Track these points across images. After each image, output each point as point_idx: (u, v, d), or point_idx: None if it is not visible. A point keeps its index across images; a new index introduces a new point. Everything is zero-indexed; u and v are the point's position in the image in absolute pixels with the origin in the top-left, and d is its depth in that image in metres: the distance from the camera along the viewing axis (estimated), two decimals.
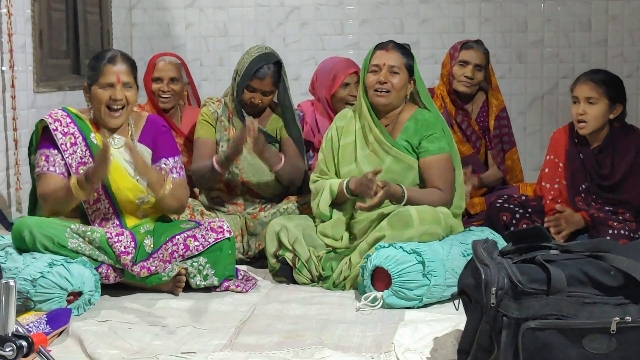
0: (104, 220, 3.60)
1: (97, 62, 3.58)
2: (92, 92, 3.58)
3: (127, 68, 3.58)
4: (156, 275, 3.53)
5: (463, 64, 4.60)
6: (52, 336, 2.97)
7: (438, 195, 3.75)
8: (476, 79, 4.61)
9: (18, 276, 3.23)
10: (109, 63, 3.55)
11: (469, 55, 4.60)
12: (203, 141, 4.31)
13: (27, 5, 4.63)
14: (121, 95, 3.54)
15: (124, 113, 3.59)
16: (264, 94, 4.24)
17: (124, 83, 3.55)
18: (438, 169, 3.77)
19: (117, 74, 3.54)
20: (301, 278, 3.74)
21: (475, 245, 2.58)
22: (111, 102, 3.55)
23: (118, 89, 3.54)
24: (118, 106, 3.56)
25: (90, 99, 3.60)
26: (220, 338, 2.99)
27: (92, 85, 3.58)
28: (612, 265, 2.41)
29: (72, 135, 3.58)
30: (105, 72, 3.54)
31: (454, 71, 4.62)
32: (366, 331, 3.07)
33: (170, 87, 4.60)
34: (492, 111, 4.71)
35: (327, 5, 6.07)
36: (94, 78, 3.57)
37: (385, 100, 3.80)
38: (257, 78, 4.18)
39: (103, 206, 3.59)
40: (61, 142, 3.55)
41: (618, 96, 3.99)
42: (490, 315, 2.40)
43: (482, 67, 4.62)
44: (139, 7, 6.18)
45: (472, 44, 4.65)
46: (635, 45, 5.87)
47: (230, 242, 3.65)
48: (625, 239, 3.78)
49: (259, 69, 4.17)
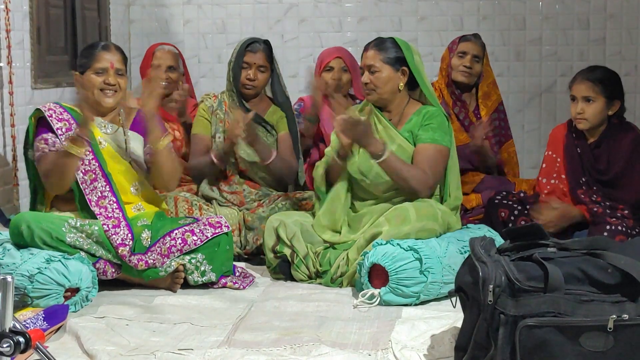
0: (100, 199, 3.62)
1: (91, 50, 3.73)
2: (85, 77, 3.69)
3: (119, 57, 3.73)
4: (154, 270, 3.54)
5: (462, 54, 4.67)
6: (49, 332, 2.97)
7: (420, 173, 3.69)
8: (475, 69, 4.66)
9: (15, 272, 3.24)
10: (103, 50, 3.70)
11: (468, 47, 4.66)
12: (199, 137, 4.43)
13: (25, 2, 4.62)
14: (114, 80, 3.68)
15: (116, 95, 3.70)
16: (259, 69, 4.38)
17: (117, 69, 3.69)
18: (426, 156, 3.74)
19: (110, 61, 3.67)
20: (299, 274, 3.75)
21: (472, 243, 2.58)
22: (104, 86, 3.67)
23: (112, 74, 3.67)
24: (111, 90, 3.67)
25: (83, 85, 3.69)
26: (218, 335, 2.99)
27: (84, 72, 3.69)
28: (609, 263, 2.42)
29: (66, 121, 3.66)
30: (99, 58, 3.68)
31: (452, 62, 4.68)
32: (363, 328, 3.07)
33: (167, 75, 4.67)
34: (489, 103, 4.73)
35: (326, 2, 6.07)
36: (87, 65, 3.69)
37: (372, 97, 3.86)
38: (249, 52, 4.37)
39: (100, 184, 3.62)
40: (57, 127, 3.63)
41: (615, 93, 4.01)
42: (488, 313, 2.40)
43: (480, 59, 4.67)
44: (137, 4, 6.17)
45: (470, 37, 4.73)
46: (633, 43, 5.87)
47: (228, 237, 3.67)
48: (623, 236, 3.79)
49: (250, 43, 4.39)
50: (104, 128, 3.72)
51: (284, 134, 4.44)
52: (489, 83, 4.77)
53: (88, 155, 3.60)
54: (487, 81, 4.76)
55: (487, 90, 4.76)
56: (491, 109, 4.75)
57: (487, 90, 4.77)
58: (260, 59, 4.36)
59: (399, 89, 3.85)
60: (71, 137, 3.50)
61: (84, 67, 3.69)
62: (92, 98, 3.66)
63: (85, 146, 3.51)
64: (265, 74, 4.41)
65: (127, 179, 3.71)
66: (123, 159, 3.72)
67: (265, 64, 4.39)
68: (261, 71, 4.38)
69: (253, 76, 4.36)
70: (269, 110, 4.48)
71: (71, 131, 3.60)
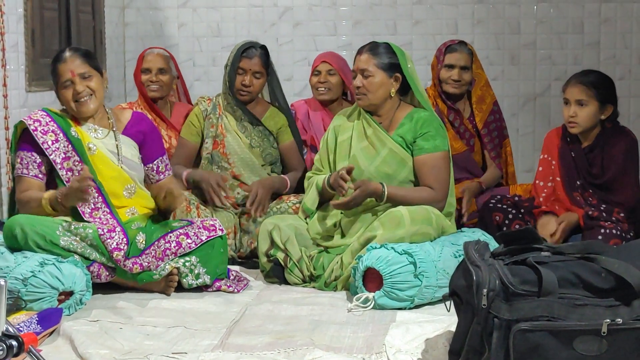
0: (94, 210, 3.60)
1: (53, 66, 3.68)
2: (59, 95, 3.68)
3: (79, 60, 3.65)
4: (148, 273, 3.53)
5: (449, 67, 4.62)
6: (42, 336, 2.97)
7: (428, 193, 3.74)
8: (464, 80, 4.63)
9: (9, 275, 3.23)
10: (60, 62, 3.65)
11: (454, 59, 4.60)
12: (184, 142, 4.47)
13: (20, 4, 4.61)
14: (82, 87, 3.62)
15: (93, 100, 3.66)
16: (254, 75, 4.36)
17: (80, 75, 3.63)
18: (432, 167, 3.77)
19: (69, 70, 3.62)
20: (293, 278, 3.74)
21: (466, 247, 2.58)
22: (76, 97, 3.63)
23: (77, 81, 3.62)
24: (83, 97, 3.63)
25: (61, 101, 3.69)
26: (212, 338, 2.99)
27: (57, 89, 3.67)
28: (603, 267, 2.42)
29: (52, 132, 3.63)
30: (59, 73, 3.64)
31: (441, 75, 4.64)
32: (357, 332, 3.07)
33: (158, 78, 4.66)
34: (484, 107, 4.72)
35: (321, 6, 6.07)
36: (55, 82, 3.67)
37: (363, 102, 3.85)
38: (245, 58, 4.35)
39: (92, 197, 3.59)
40: (42, 141, 3.60)
41: (608, 97, 4.02)
42: (482, 317, 2.40)
43: (468, 68, 4.63)
44: (132, 7, 6.17)
45: (455, 47, 4.64)
46: (627, 47, 5.88)
47: (222, 240, 3.66)
48: (617, 239, 3.80)
49: (247, 49, 4.36)
50: (94, 132, 3.70)
51: (289, 142, 4.46)
52: (482, 86, 4.73)
53: (77, 165, 3.60)
54: (480, 84, 4.72)
55: (481, 94, 4.73)
56: (486, 113, 4.72)
57: (481, 93, 4.73)
58: (256, 65, 4.35)
59: (390, 95, 3.84)
60: (52, 199, 3.47)
61: (55, 85, 3.68)
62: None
63: (63, 213, 3.53)
64: (261, 80, 4.39)
65: (119, 184, 3.67)
66: (115, 165, 3.68)
67: (261, 69, 4.37)
68: (257, 77, 4.37)
69: (249, 82, 4.34)
70: (266, 114, 4.47)
71: (58, 142, 3.59)
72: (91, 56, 3.73)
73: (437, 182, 3.76)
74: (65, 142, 3.62)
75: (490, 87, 4.78)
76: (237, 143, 4.35)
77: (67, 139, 3.62)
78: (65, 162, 3.61)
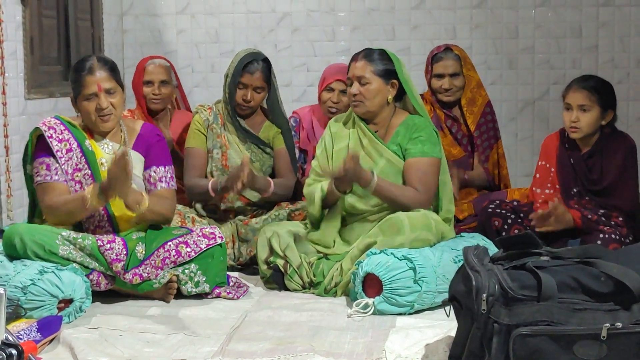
0: (97, 228, 3.60)
1: (77, 75, 3.59)
2: (79, 104, 3.60)
3: (106, 74, 3.58)
4: (148, 282, 3.52)
5: (438, 77, 4.60)
6: (42, 344, 2.97)
7: (413, 193, 3.71)
8: (455, 87, 4.61)
9: (8, 284, 3.23)
10: (89, 74, 3.56)
11: (442, 67, 4.58)
12: (195, 152, 4.35)
13: (18, 12, 4.62)
14: (106, 103, 3.56)
15: (114, 117, 3.60)
16: (255, 90, 4.29)
17: (107, 90, 3.56)
18: (417, 170, 3.75)
19: (97, 83, 3.55)
20: (292, 284, 3.74)
21: (466, 252, 2.58)
22: (99, 112, 3.57)
23: (102, 97, 3.55)
24: (106, 115, 3.57)
25: (79, 110, 3.63)
26: (212, 345, 2.99)
27: (77, 97, 3.60)
28: (602, 272, 2.42)
29: (67, 141, 3.58)
30: (86, 84, 3.55)
31: (432, 85, 4.63)
32: (357, 338, 3.07)
33: (160, 90, 4.60)
34: (475, 109, 4.70)
35: (319, 11, 6.08)
36: (77, 90, 3.59)
37: (360, 109, 3.83)
38: (247, 73, 4.26)
39: (98, 214, 3.58)
40: (57, 148, 3.56)
41: (610, 102, 4.01)
42: (481, 322, 2.40)
43: (458, 73, 4.61)
44: (130, 14, 6.18)
45: (440, 55, 4.61)
46: (625, 51, 5.89)
47: (222, 249, 3.65)
48: (616, 244, 3.79)
49: (249, 63, 4.26)
50: (106, 147, 3.65)
51: (282, 149, 4.40)
52: (472, 88, 4.68)
53: (88, 179, 3.55)
54: (470, 86, 4.67)
55: (471, 96, 4.68)
56: (478, 115, 4.69)
57: (471, 95, 4.68)
58: (257, 80, 4.27)
59: (387, 101, 3.84)
60: (95, 190, 3.37)
61: (75, 92, 3.60)
62: (91, 122, 3.59)
63: (105, 203, 3.46)
64: (261, 94, 4.32)
65: None
66: None
67: (263, 84, 4.29)
68: (257, 92, 4.30)
69: (250, 97, 4.27)
70: (264, 125, 4.43)
71: (71, 152, 3.55)
72: (117, 70, 3.66)
73: (422, 185, 3.73)
74: (79, 154, 3.58)
75: (482, 89, 4.73)
76: (238, 157, 4.27)
77: (82, 151, 3.58)
78: (76, 173, 3.58)
